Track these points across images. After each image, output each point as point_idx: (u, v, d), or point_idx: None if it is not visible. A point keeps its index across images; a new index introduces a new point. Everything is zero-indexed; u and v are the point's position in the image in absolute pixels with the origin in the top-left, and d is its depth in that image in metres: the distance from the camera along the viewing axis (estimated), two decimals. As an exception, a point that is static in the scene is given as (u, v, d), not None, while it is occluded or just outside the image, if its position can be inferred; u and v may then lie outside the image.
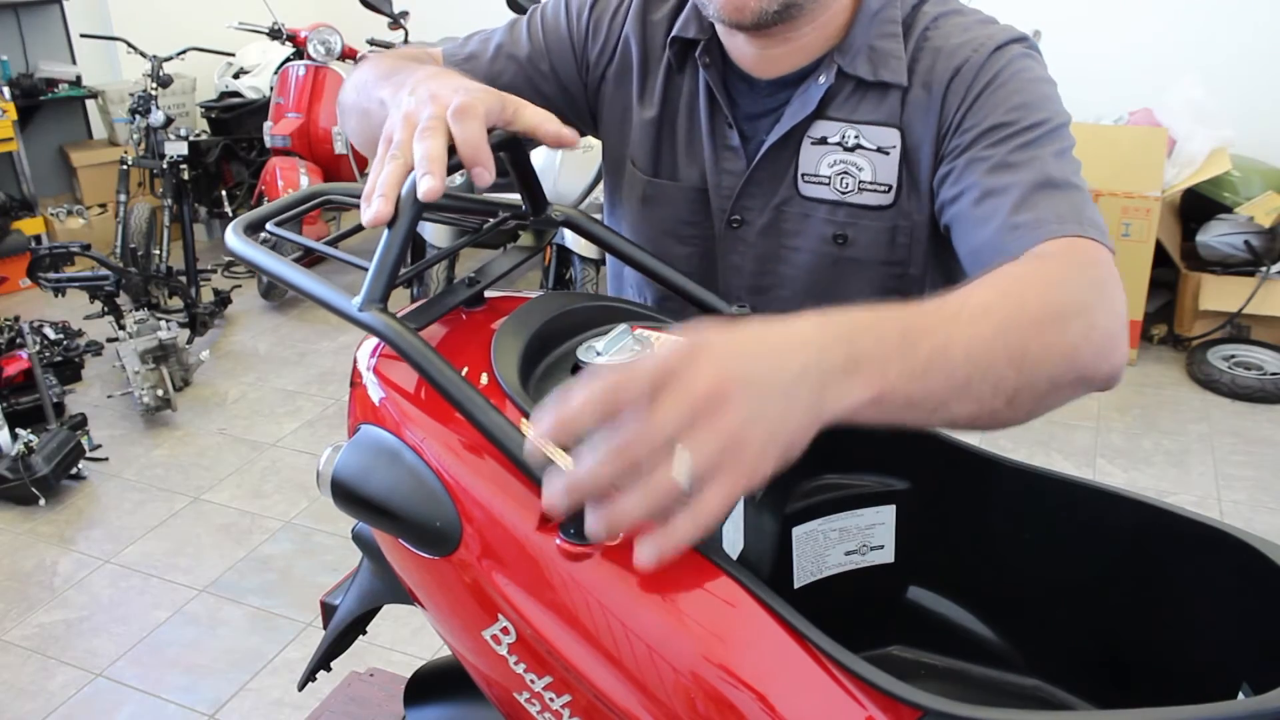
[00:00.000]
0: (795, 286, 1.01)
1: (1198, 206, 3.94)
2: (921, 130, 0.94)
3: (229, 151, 5.13)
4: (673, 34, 1.01)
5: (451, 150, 0.70)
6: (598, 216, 1.01)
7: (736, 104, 1.00)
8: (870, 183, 0.96)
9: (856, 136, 0.95)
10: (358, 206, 0.89)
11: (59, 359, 3.77)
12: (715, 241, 1.04)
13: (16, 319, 3.85)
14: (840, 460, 0.82)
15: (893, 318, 0.62)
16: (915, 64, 0.94)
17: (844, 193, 0.96)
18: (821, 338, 0.58)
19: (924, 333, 0.62)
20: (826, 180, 0.96)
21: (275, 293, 4.52)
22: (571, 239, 3.31)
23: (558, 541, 0.64)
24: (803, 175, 0.97)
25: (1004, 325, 0.66)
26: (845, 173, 0.96)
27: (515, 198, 0.89)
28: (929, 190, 0.94)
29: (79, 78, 5.03)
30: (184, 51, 4.52)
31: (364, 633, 1.03)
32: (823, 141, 0.96)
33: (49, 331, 3.88)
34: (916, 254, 0.97)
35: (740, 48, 0.98)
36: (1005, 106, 0.90)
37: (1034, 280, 0.75)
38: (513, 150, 0.81)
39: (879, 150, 0.95)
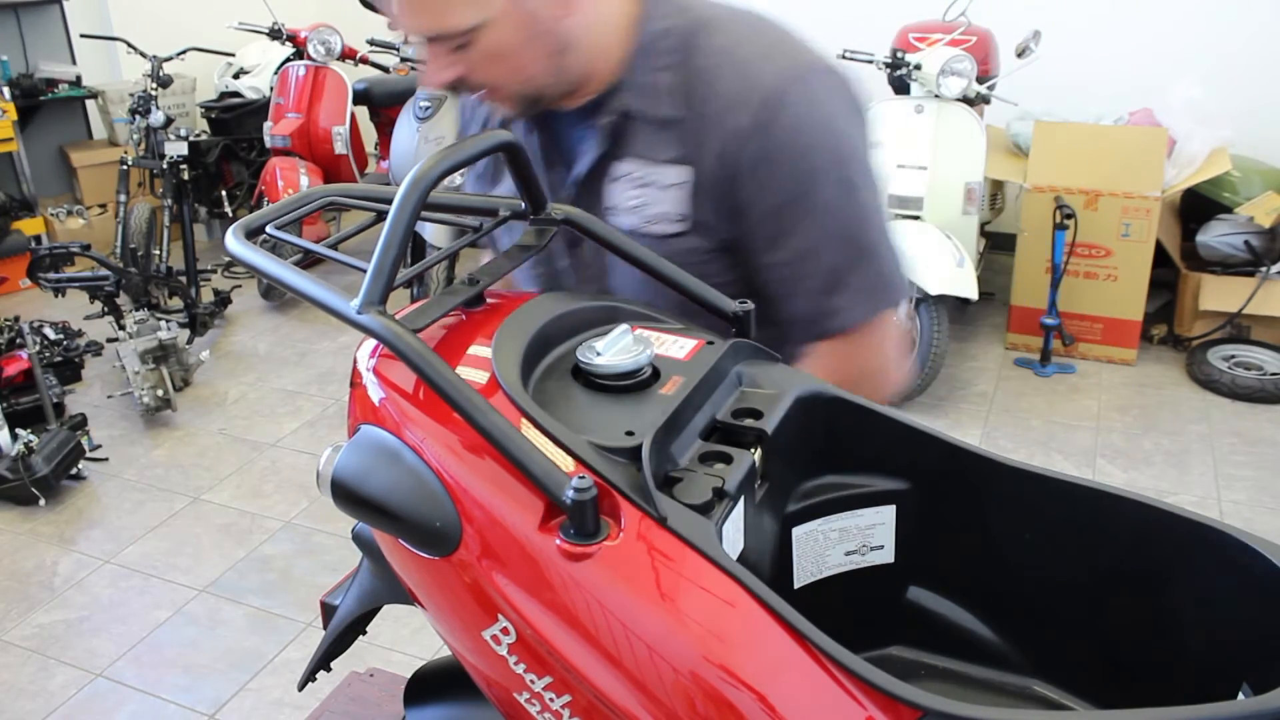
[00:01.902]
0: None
1: (1198, 206, 3.94)
2: (709, 179, 1.01)
3: (229, 151, 5.14)
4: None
5: None
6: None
7: (556, 141, 1.09)
8: (658, 215, 1.03)
9: (644, 175, 1.03)
10: (359, 208, 0.89)
11: (59, 359, 3.77)
12: (559, 276, 1.13)
13: (16, 319, 3.85)
14: (840, 460, 0.82)
15: None
16: (694, 97, 1.00)
17: (645, 223, 1.04)
18: None
19: None
20: (624, 212, 1.05)
21: (275, 293, 4.52)
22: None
23: (558, 541, 0.64)
24: (606, 209, 1.05)
25: None
26: (636, 207, 1.04)
27: (514, 198, 0.89)
28: (725, 219, 1.02)
29: (79, 78, 5.03)
30: (184, 51, 4.52)
31: (364, 633, 1.03)
32: (622, 179, 1.04)
33: (49, 331, 3.88)
34: (715, 269, 1.04)
35: None
36: (801, 174, 0.98)
37: (835, 368, 0.99)
38: (511, 150, 0.82)
39: (671, 186, 1.02)
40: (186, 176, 4.28)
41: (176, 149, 4.20)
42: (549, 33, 0.97)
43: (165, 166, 4.21)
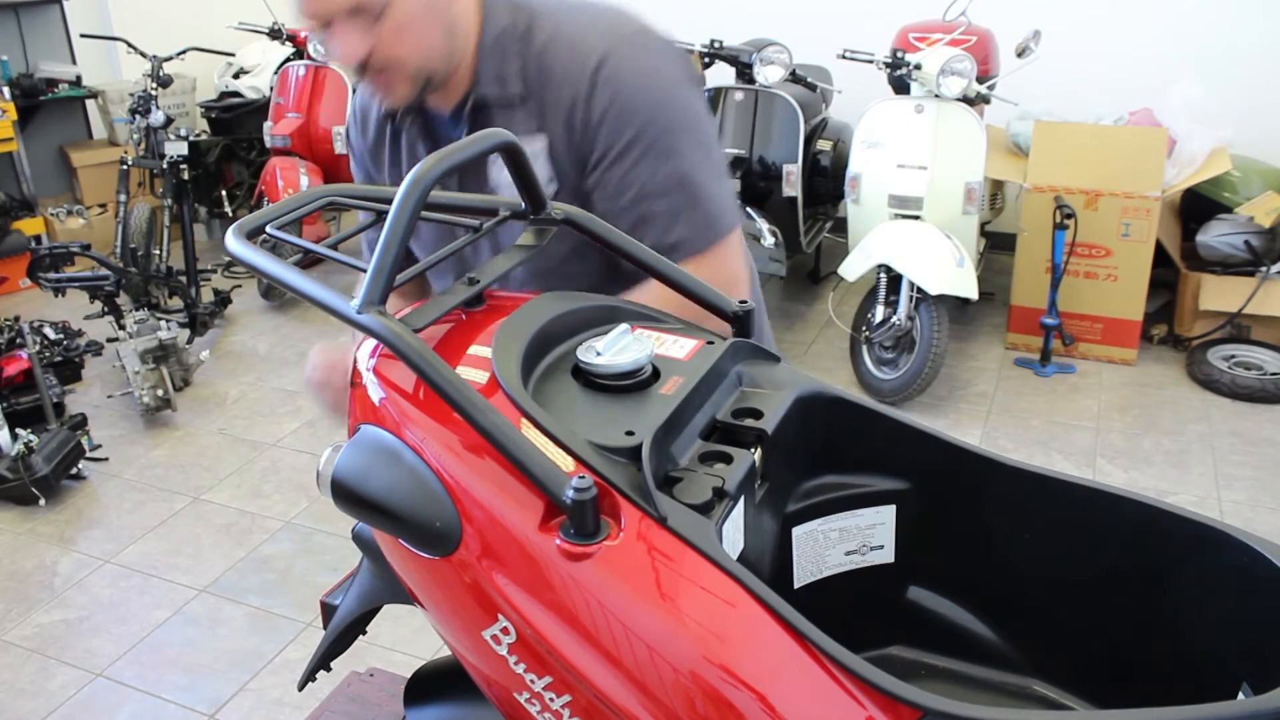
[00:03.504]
0: (527, 275, 1.20)
1: (1198, 206, 3.94)
2: (558, 138, 1.15)
3: (229, 151, 5.13)
4: (383, 110, 1.26)
5: None
6: None
7: (439, 140, 1.22)
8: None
9: None
10: (358, 208, 0.89)
11: (59, 359, 3.77)
12: (464, 262, 1.25)
13: (16, 319, 3.85)
14: (840, 460, 0.82)
15: None
16: (536, 76, 1.15)
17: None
18: None
19: None
20: (502, 187, 1.16)
21: (275, 293, 4.52)
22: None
23: (558, 541, 0.64)
24: (492, 188, 1.18)
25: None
26: None
27: (514, 198, 0.89)
28: (579, 174, 1.16)
29: (79, 78, 5.03)
30: (184, 51, 4.52)
31: (364, 633, 1.03)
32: (496, 159, 1.16)
33: (49, 331, 3.88)
34: None
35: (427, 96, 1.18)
36: (624, 130, 1.12)
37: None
38: (510, 150, 0.82)
39: (535, 154, 1.14)
40: (186, 176, 4.28)
41: (176, 149, 4.20)
42: (444, 12, 1.12)
43: (165, 166, 4.20)
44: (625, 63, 1.14)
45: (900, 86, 3.70)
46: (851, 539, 0.84)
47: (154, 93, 4.28)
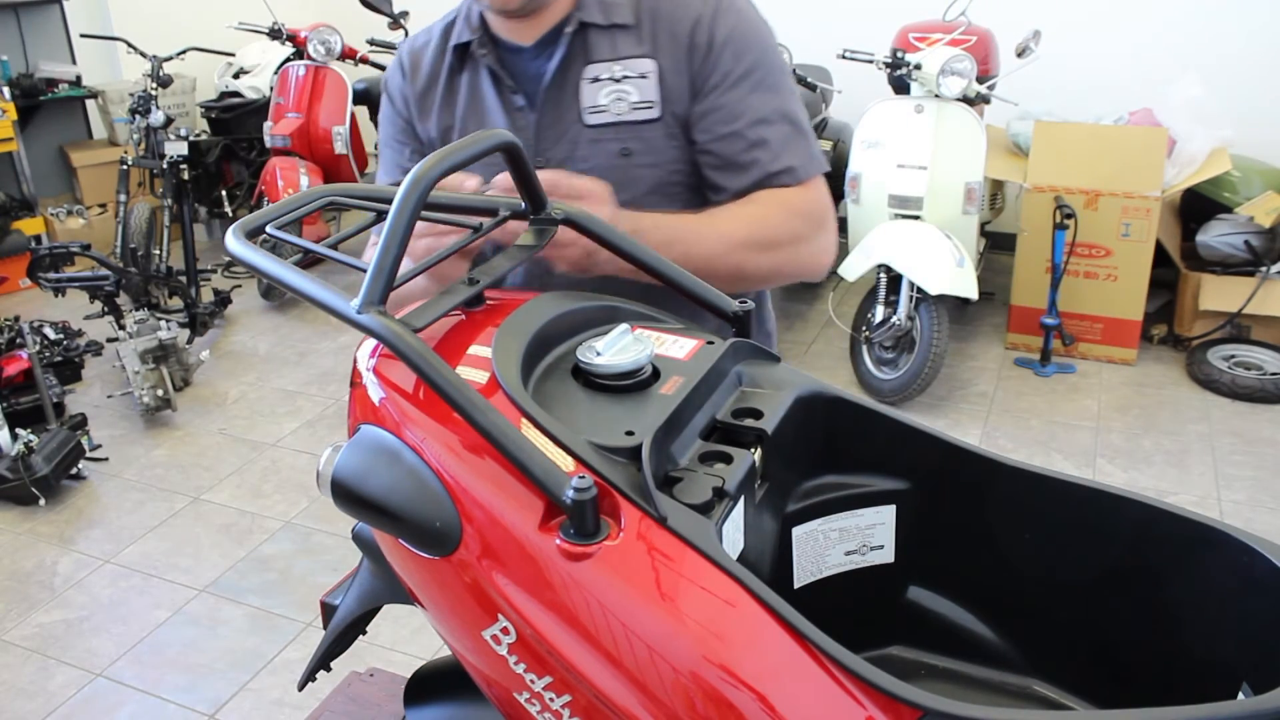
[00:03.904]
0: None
1: (1198, 206, 3.94)
2: (673, 64, 1.19)
3: (229, 151, 5.13)
4: (453, 43, 1.26)
5: None
6: None
7: (515, 73, 1.24)
8: (640, 102, 1.20)
9: (622, 69, 1.20)
10: (358, 208, 0.89)
11: (59, 359, 3.77)
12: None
13: (16, 319, 3.85)
14: (840, 460, 0.82)
15: (669, 223, 1.11)
16: (645, 7, 1.20)
17: (621, 115, 1.20)
18: (635, 231, 1.00)
19: (681, 238, 1.10)
20: (605, 108, 1.20)
21: (275, 293, 4.52)
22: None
23: (558, 541, 0.64)
24: (586, 109, 1.20)
25: (731, 249, 1.14)
26: (619, 99, 1.20)
27: (514, 197, 0.89)
28: (686, 108, 1.20)
29: (79, 78, 5.03)
30: (184, 51, 4.52)
31: (364, 633, 1.03)
32: (596, 79, 1.20)
33: (49, 331, 3.88)
34: (683, 156, 1.22)
35: (508, 26, 1.22)
36: (746, 61, 1.19)
37: (763, 220, 1.17)
38: (510, 150, 0.82)
39: (640, 76, 1.19)
40: (186, 176, 4.28)
41: (176, 149, 4.20)
42: None
43: (165, 166, 4.20)
44: (742, 6, 1.21)
45: (900, 86, 3.70)
46: (851, 539, 0.84)
47: (154, 93, 4.28)
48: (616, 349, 0.76)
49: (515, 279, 1.21)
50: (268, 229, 0.81)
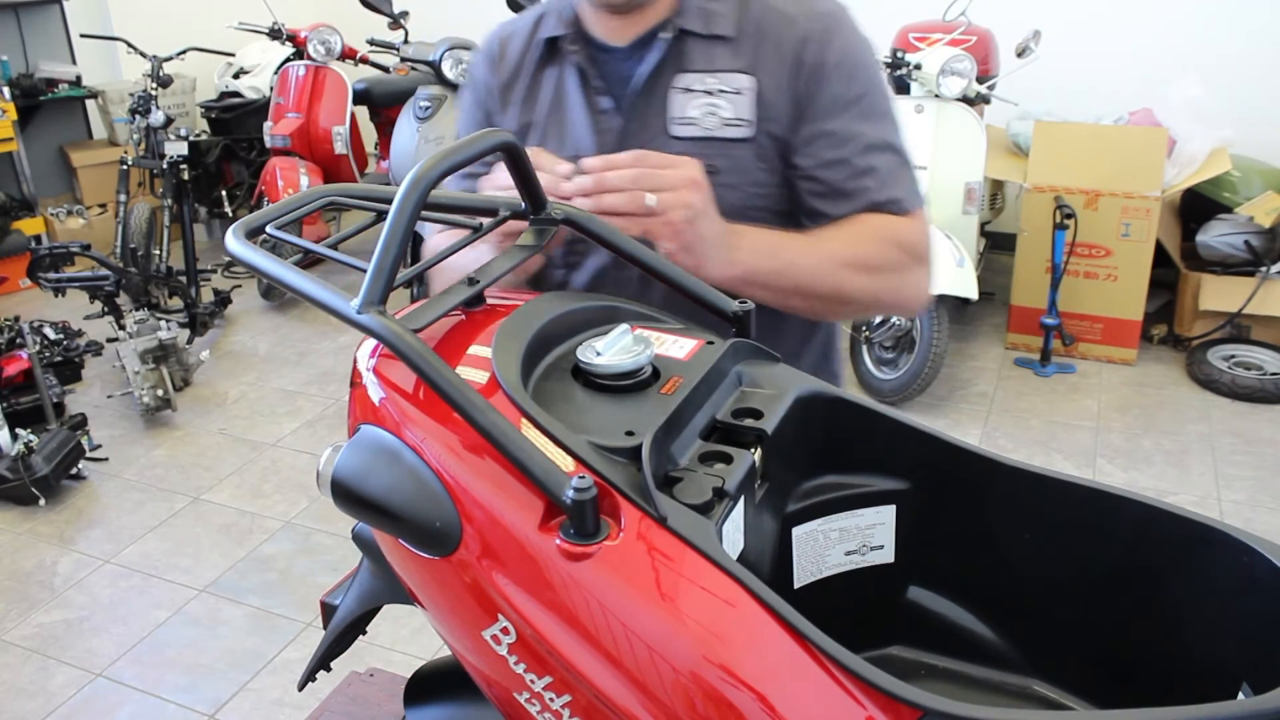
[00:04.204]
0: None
1: (1198, 206, 3.94)
2: (774, 79, 1.13)
3: (229, 151, 5.14)
4: (542, 36, 1.21)
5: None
6: None
7: (604, 74, 1.18)
8: (732, 119, 1.14)
9: (716, 83, 1.14)
10: (359, 208, 0.89)
11: (59, 359, 3.77)
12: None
13: (16, 319, 3.85)
14: (840, 460, 0.82)
15: (774, 237, 1.08)
16: (749, 19, 1.14)
17: (710, 130, 1.14)
18: (735, 232, 1.03)
19: (785, 252, 1.07)
20: (695, 121, 1.14)
21: (275, 293, 4.52)
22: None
23: (558, 541, 0.64)
24: (674, 120, 1.15)
25: (835, 267, 1.09)
26: (710, 113, 1.14)
27: (515, 197, 0.89)
28: (785, 130, 1.14)
29: (79, 78, 5.03)
30: (184, 51, 4.52)
31: (364, 633, 1.03)
32: (688, 90, 1.14)
33: (49, 331, 3.88)
34: (773, 179, 1.16)
35: (604, 24, 1.17)
36: (857, 85, 1.14)
37: (868, 244, 1.12)
38: (510, 150, 0.82)
39: (735, 92, 1.13)
40: (186, 176, 4.28)
41: (176, 149, 4.20)
42: None
43: (165, 166, 4.20)
44: (852, 25, 1.16)
45: (900, 86, 3.70)
46: (851, 539, 0.84)
47: (154, 93, 4.28)
48: (616, 349, 0.76)
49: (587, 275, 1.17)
50: (268, 229, 0.81)
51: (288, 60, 4.83)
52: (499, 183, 1.01)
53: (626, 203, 0.95)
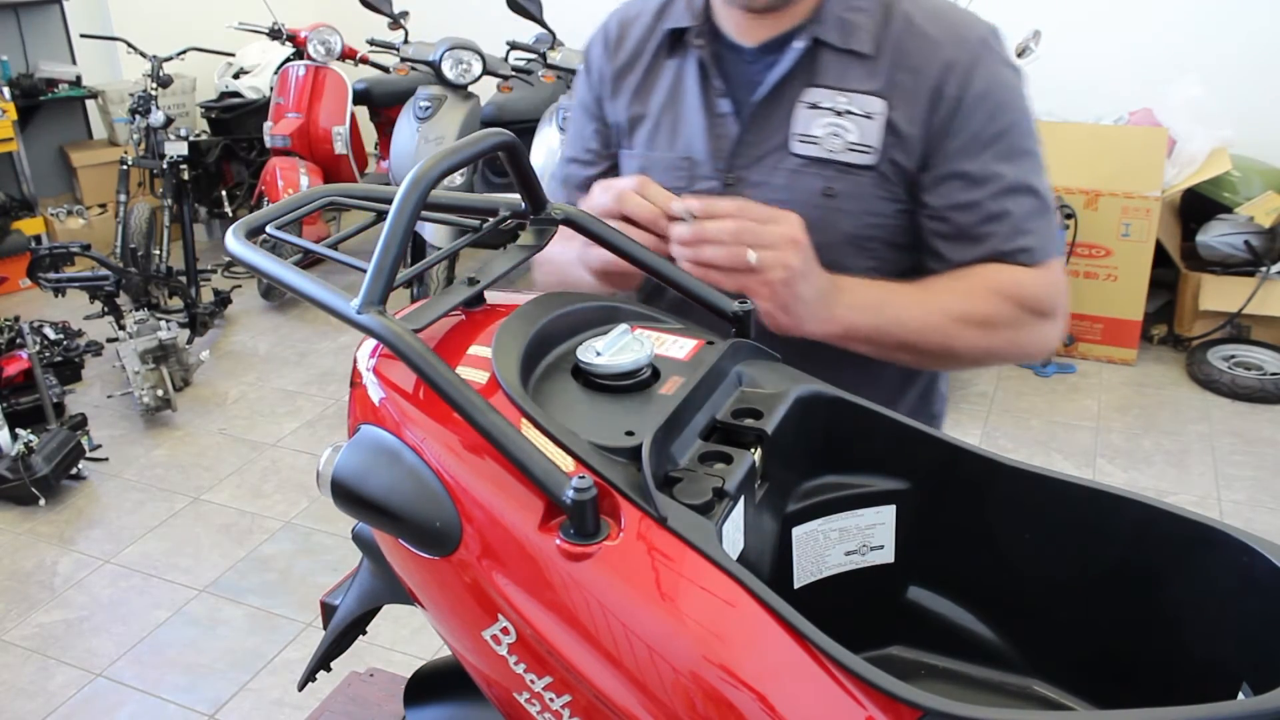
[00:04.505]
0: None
1: (1198, 206, 3.94)
2: (908, 108, 1.06)
3: (229, 151, 5.14)
4: (668, 26, 1.14)
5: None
6: None
7: (727, 75, 1.12)
8: (856, 144, 1.07)
9: (847, 103, 1.07)
10: (359, 208, 0.89)
11: (59, 359, 3.77)
12: None
13: (16, 319, 3.85)
14: (840, 460, 0.82)
15: (879, 291, 1.02)
16: (890, 38, 1.06)
17: (833, 152, 1.07)
18: (837, 287, 0.98)
19: (889, 307, 1.01)
20: (818, 140, 1.07)
21: (275, 293, 4.52)
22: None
23: (558, 541, 0.64)
24: (796, 136, 1.08)
25: (944, 323, 1.03)
26: (835, 134, 1.07)
27: (515, 197, 0.89)
28: (914, 164, 1.07)
29: (79, 78, 5.03)
30: (184, 51, 4.52)
31: (364, 633, 1.03)
32: (815, 106, 1.07)
33: (49, 331, 3.88)
34: (893, 208, 1.09)
35: (736, 21, 1.10)
36: (999, 122, 1.06)
37: (982, 299, 1.05)
38: (510, 150, 0.82)
39: (865, 115, 1.06)
40: (186, 176, 4.28)
41: (176, 149, 4.20)
42: None
43: (165, 166, 4.20)
44: (1001, 49, 1.09)
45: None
46: (851, 539, 0.84)
47: (154, 93, 4.28)
48: (616, 349, 0.76)
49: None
50: (268, 229, 0.81)
51: (288, 60, 4.83)
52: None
53: (726, 258, 0.90)
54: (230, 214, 5.08)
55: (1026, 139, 1.08)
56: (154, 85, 4.29)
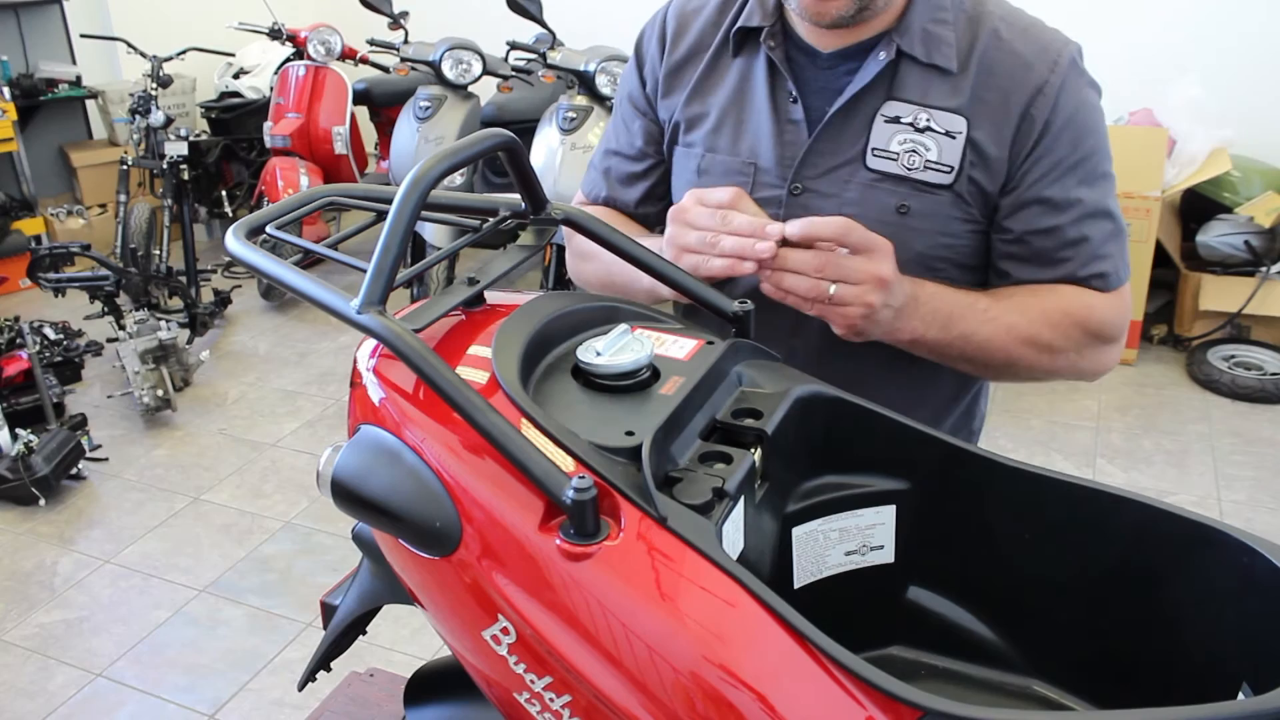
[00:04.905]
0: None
1: (1198, 206, 3.94)
2: (993, 128, 1.03)
3: (229, 151, 5.13)
4: (737, 25, 1.10)
5: None
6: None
7: (800, 79, 1.08)
8: (935, 162, 1.04)
9: (928, 120, 1.04)
10: (359, 208, 0.89)
11: (59, 359, 3.77)
12: (778, 209, 1.10)
13: (16, 319, 3.85)
14: (840, 460, 0.82)
15: (951, 297, 1.01)
16: (976, 54, 1.04)
17: (910, 169, 1.04)
18: (912, 299, 0.98)
19: (959, 323, 1.01)
20: (895, 156, 1.04)
21: (275, 293, 4.52)
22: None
23: (558, 541, 0.64)
24: (873, 149, 1.05)
25: (1011, 342, 1.03)
26: (913, 151, 1.04)
27: (515, 197, 0.89)
28: (994, 187, 1.05)
29: (79, 78, 5.03)
30: (184, 51, 4.52)
31: (364, 633, 1.03)
32: (895, 120, 1.04)
33: (49, 331, 3.88)
34: (966, 229, 1.07)
35: (811, 28, 1.06)
36: (1084, 147, 1.05)
37: (1053, 323, 1.04)
38: (510, 150, 0.82)
39: (946, 134, 1.03)
40: (186, 176, 4.28)
41: (176, 149, 4.20)
42: None
43: (165, 166, 4.20)
44: (1086, 77, 1.06)
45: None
46: (851, 539, 0.84)
47: (154, 93, 4.28)
48: (616, 349, 0.76)
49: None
50: (268, 229, 0.81)
51: (288, 60, 4.83)
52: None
53: (807, 289, 0.91)
54: (230, 214, 5.08)
55: (1105, 162, 1.07)
56: (154, 85, 4.29)
